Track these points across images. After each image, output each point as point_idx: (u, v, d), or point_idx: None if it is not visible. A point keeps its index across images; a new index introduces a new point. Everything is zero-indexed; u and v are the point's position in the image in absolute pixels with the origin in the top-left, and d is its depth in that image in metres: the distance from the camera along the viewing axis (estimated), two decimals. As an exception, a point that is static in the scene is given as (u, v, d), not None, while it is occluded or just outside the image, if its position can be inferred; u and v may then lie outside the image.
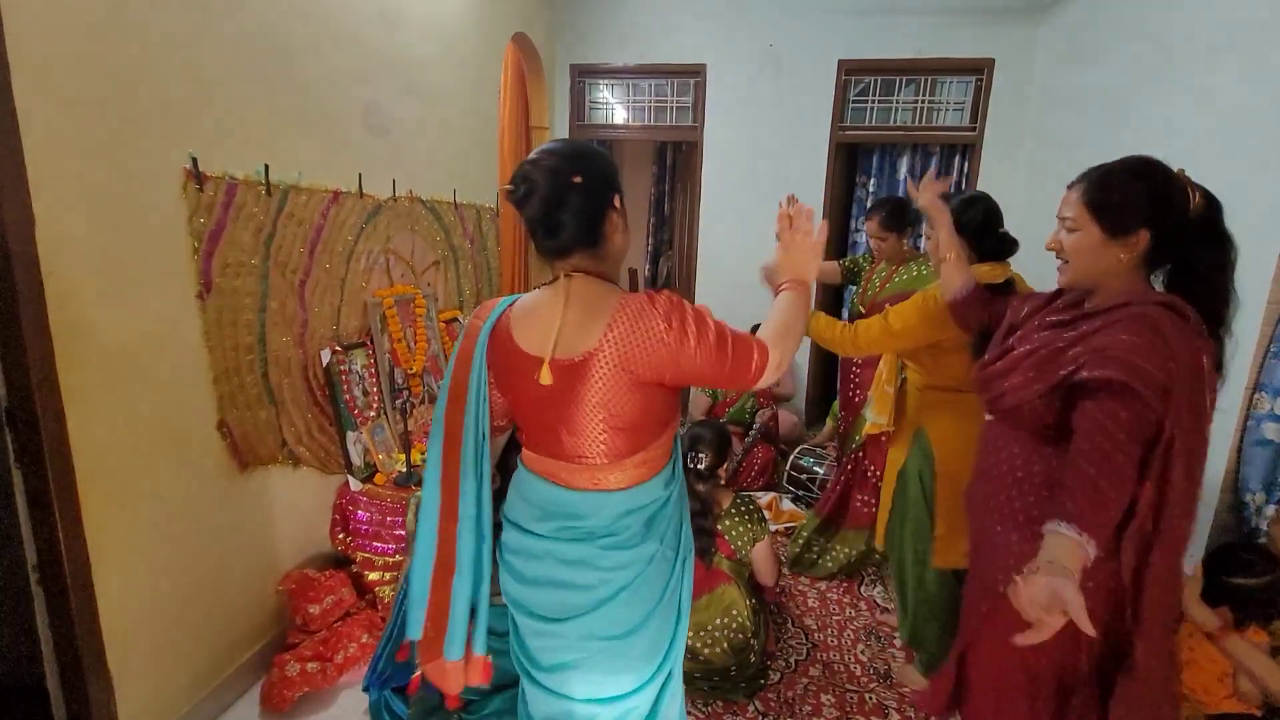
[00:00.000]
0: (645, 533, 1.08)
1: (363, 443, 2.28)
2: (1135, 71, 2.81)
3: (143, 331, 1.55)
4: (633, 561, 1.07)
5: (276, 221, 1.91)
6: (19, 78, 1.25)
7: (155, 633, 1.64)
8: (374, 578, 2.17)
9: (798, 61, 3.96)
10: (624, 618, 1.08)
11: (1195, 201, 1.08)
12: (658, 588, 1.10)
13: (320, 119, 2.08)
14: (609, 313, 0.98)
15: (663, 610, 1.12)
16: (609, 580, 1.07)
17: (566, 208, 1.00)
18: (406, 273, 2.64)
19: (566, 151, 1.02)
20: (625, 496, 1.06)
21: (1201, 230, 1.09)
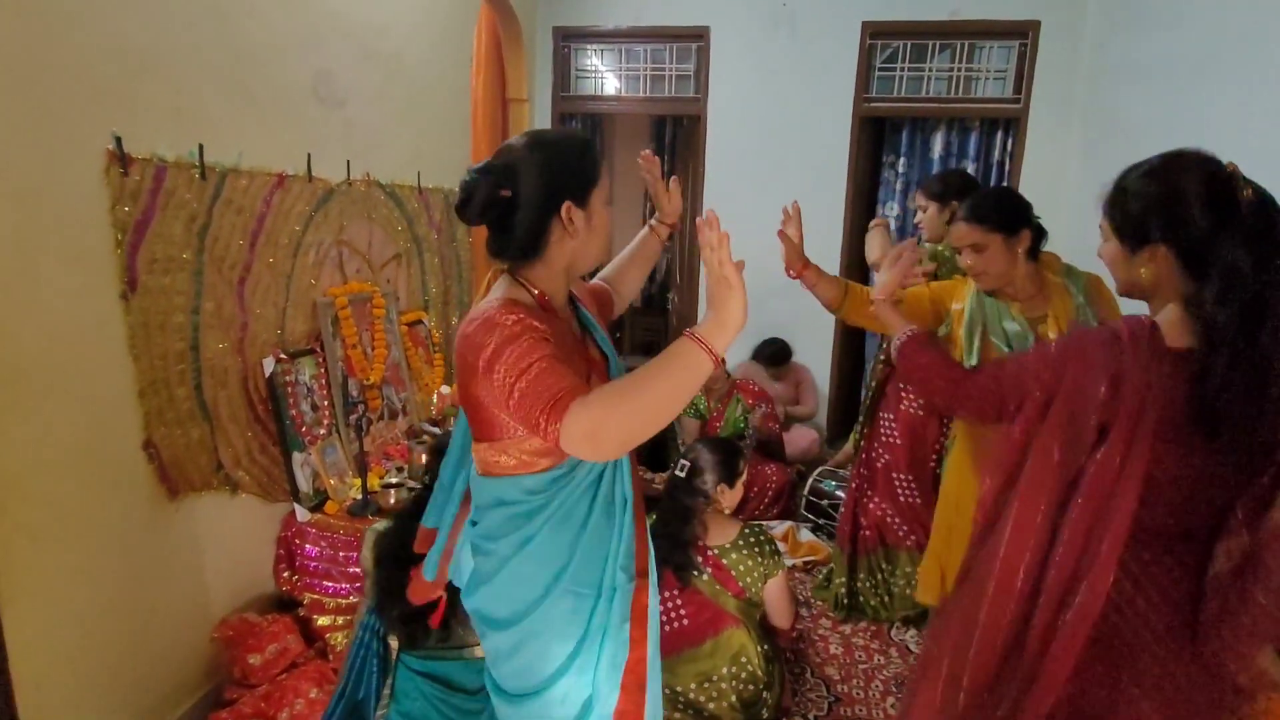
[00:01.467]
0: (502, 530, 1.19)
1: (311, 465, 2.31)
2: (1206, 39, 2.86)
3: (58, 337, 1.58)
4: (494, 552, 1.20)
5: (212, 210, 1.94)
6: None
7: (72, 682, 1.65)
8: (324, 622, 2.19)
9: (816, 23, 4.02)
10: (490, 608, 1.23)
11: (1245, 202, 1.04)
12: (520, 596, 1.20)
13: (264, 92, 2.12)
14: (471, 316, 1.12)
15: (539, 628, 1.20)
16: (488, 569, 1.23)
17: (496, 222, 1.15)
18: (363, 268, 2.67)
19: (510, 158, 1.14)
20: (488, 483, 1.20)
21: (1249, 238, 1.03)
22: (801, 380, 4.14)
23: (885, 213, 4.45)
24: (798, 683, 2.32)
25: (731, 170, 4.25)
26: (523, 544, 1.17)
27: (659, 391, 0.96)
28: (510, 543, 1.18)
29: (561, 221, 1.14)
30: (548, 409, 0.96)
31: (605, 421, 0.95)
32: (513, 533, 1.18)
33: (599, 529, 1.21)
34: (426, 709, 1.76)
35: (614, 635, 1.23)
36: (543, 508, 1.17)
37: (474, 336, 1.07)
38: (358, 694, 1.84)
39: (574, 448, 0.97)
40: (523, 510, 1.17)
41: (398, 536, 1.72)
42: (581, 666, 1.22)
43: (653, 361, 0.98)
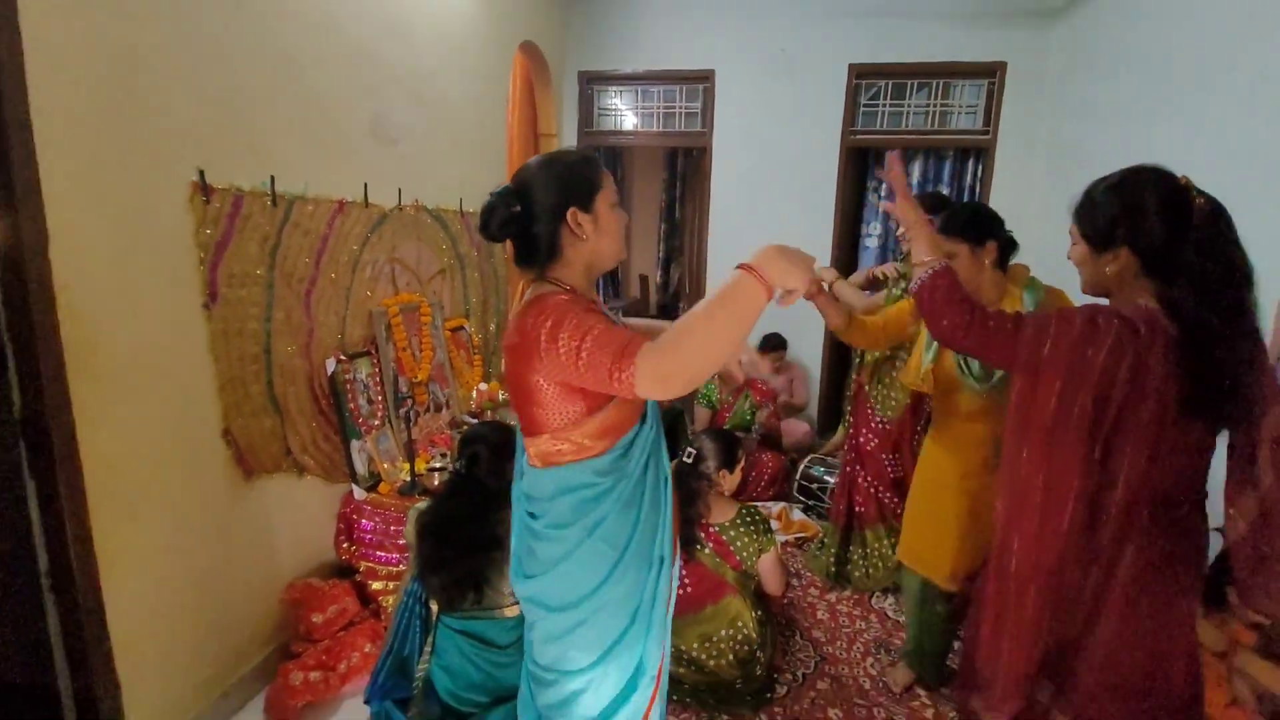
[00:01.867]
0: (572, 517, 1.13)
1: (367, 451, 2.33)
2: (1149, 81, 2.80)
3: (150, 342, 1.61)
4: (563, 541, 1.14)
5: (282, 232, 1.97)
6: (35, 96, 1.31)
7: (162, 639, 1.69)
8: (377, 587, 2.21)
9: (808, 65, 3.99)
10: (561, 591, 1.16)
11: (1198, 210, 1.05)
12: (592, 577, 1.14)
13: (327, 130, 2.15)
14: (519, 311, 1.11)
15: (604, 604, 1.15)
16: (547, 553, 1.16)
17: (515, 236, 1.15)
18: (412, 281, 2.70)
19: (520, 178, 1.15)
20: (551, 475, 1.14)
21: (1204, 242, 1.06)
22: (795, 376, 4.12)
23: (869, 232, 4.41)
24: (788, 644, 2.30)
25: (734, 194, 4.24)
26: (594, 526, 1.13)
27: (719, 324, 0.92)
28: (582, 527, 1.13)
29: (570, 227, 1.13)
30: (619, 356, 0.93)
31: (674, 358, 0.91)
32: (584, 517, 1.13)
33: (653, 504, 1.19)
34: (463, 662, 1.77)
35: (662, 602, 1.21)
36: (610, 489, 1.13)
37: (527, 320, 1.04)
38: (404, 651, 1.86)
39: (646, 388, 0.93)
40: (590, 494, 1.12)
41: (435, 514, 1.73)
42: (635, 636, 1.18)
43: (710, 297, 0.93)
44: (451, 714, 1.76)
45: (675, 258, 6.53)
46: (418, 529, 1.78)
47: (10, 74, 1.26)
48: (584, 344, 0.97)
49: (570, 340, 0.98)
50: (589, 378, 0.99)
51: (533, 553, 1.18)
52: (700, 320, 0.92)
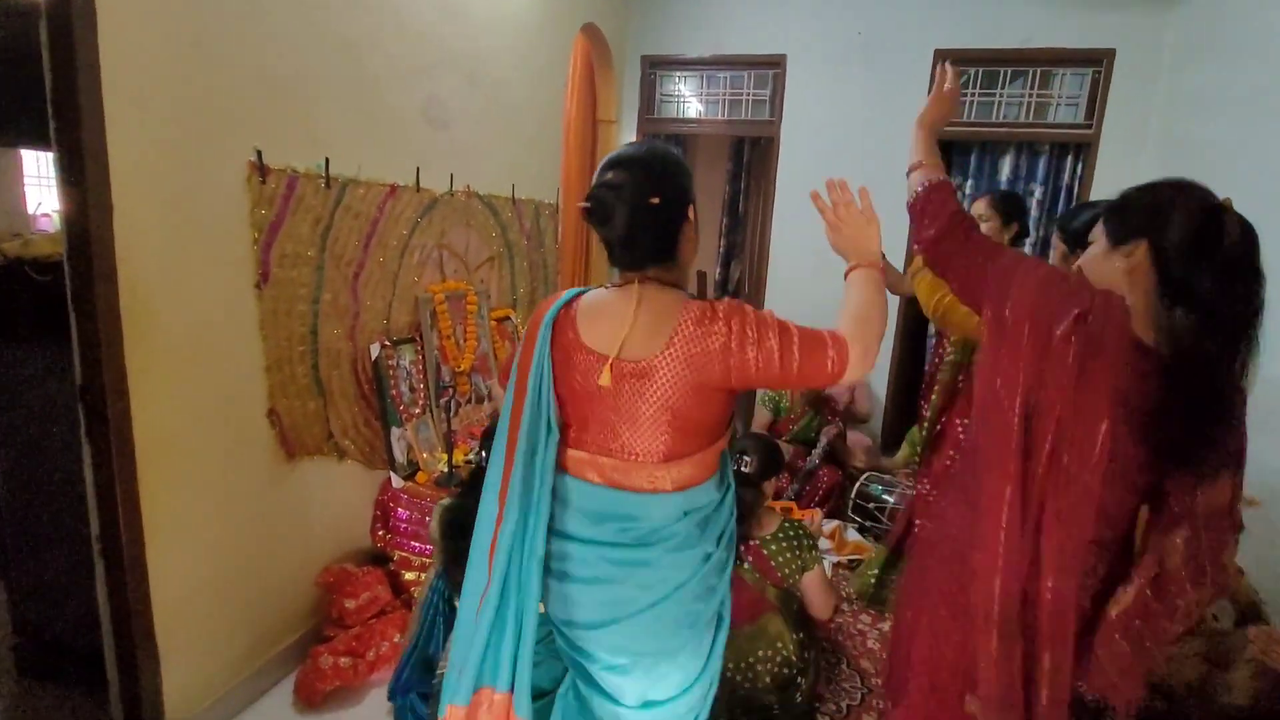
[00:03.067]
0: (700, 535, 1.15)
1: (406, 439, 2.42)
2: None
3: (203, 318, 1.73)
4: (689, 562, 1.14)
5: (334, 214, 2.07)
6: (107, 76, 1.43)
7: (201, 612, 1.81)
8: (410, 577, 2.30)
9: (888, 50, 3.89)
10: (680, 617, 1.14)
11: (1229, 234, 1.03)
12: (708, 588, 1.18)
13: (381, 113, 2.25)
14: (675, 319, 1.07)
15: (709, 613, 1.20)
16: (668, 579, 1.13)
17: (643, 231, 1.11)
18: (460, 268, 2.78)
19: (645, 169, 1.11)
20: (682, 498, 1.13)
21: (1230, 265, 1.03)
22: (858, 386, 4.03)
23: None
24: (833, 672, 2.26)
25: (802, 187, 4.12)
26: (719, 537, 1.19)
27: (878, 307, 1.11)
28: (709, 540, 1.16)
29: (688, 224, 1.15)
30: (832, 345, 1.05)
31: (868, 340, 1.07)
32: (709, 529, 1.16)
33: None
34: (488, 660, 1.82)
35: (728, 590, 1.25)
36: (722, 500, 1.19)
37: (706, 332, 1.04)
38: (428, 649, 1.93)
39: (857, 368, 1.05)
40: (712, 508, 1.17)
41: (460, 510, 1.78)
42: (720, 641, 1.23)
43: (855, 292, 1.13)
44: (475, 711, 1.81)
45: (736, 254, 6.49)
46: (442, 525, 1.83)
47: (85, 59, 1.38)
48: (794, 340, 1.05)
49: (772, 341, 1.04)
50: (801, 368, 1.05)
51: (628, 595, 1.12)
52: (867, 308, 1.10)
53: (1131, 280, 1.11)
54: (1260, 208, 2.67)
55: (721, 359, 1.04)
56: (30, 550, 1.95)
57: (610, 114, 4.26)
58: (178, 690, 1.73)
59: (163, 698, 1.69)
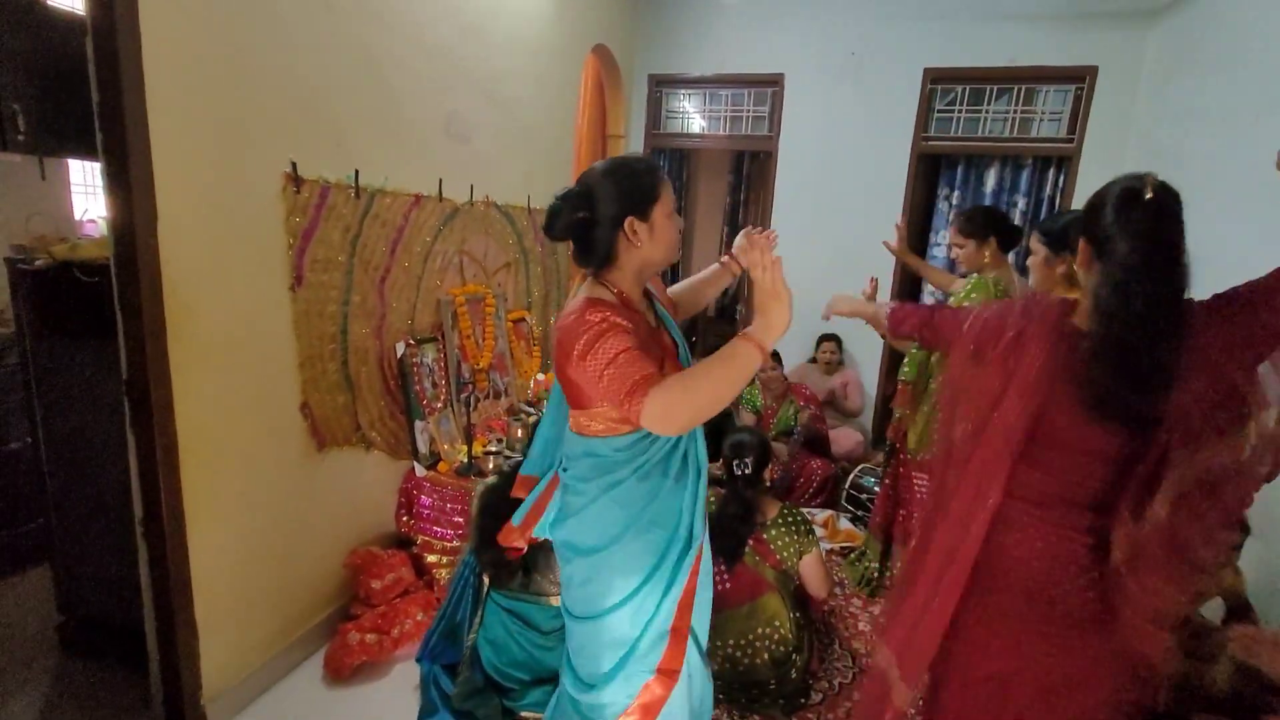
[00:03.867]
0: (593, 476, 1.24)
1: (429, 432, 2.43)
2: (1257, 86, 2.58)
3: (241, 318, 1.73)
4: (584, 492, 1.25)
5: (363, 222, 2.08)
6: (152, 93, 1.44)
7: (237, 591, 1.81)
8: (432, 560, 2.30)
9: (880, 70, 3.88)
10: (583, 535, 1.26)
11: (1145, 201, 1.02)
12: (608, 528, 1.24)
13: (406, 128, 2.25)
14: (564, 310, 1.19)
15: (621, 558, 1.24)
16: (570, 501, 1.29)
17: (576, 240, 1.22)
18: (479, 273, 2.79)
19: (585, 186, 1.20)
20: (581, 441, 1.25)
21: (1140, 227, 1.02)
22: (850, 380, 4.01)
23: (937, 241, 4.24)
24: (826, 651, 2.24)
25: (798, 200, 4.16)
26: (609, 487, 1.23)
27: (718, 380, 1.04)
28: (599, 485, 1.23)
29: (626, 235, 1.19)
30: (629, 393, 1.05)
31: (675, 404, 1.03)
32: (600, 477, 1.23)
33: (677, 484, 1.26)
34: (506, 638, 1.82)
35: (684, 570, 1.27)
36: (627, 462, 1.22)
37: (569, 329, 1.13)
38: (455, 617, 1.93)
39: (649, 425, 1.06)
40: (608, 462, 1.22)
41: (500, 493, 1.78)
42: (648, 593, 1.25)
43: (713, 357, 1.06)
44: (493, 686, 1.81)
45: (737, 261, 6.45)
46: (480, 504, 1.84)
47: (130, 74, 1.39)
48: (606, 371, 1.07)
49: (595, 365, 1.09)
50: (605, 398, 1.12)
51: (564, 502, 1.31)
52: (704, 379, 1.05)
53: (1087, 277, 1.12)
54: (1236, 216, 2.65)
55: (559, 353, 1.17)
56: (75, 535, 1.97)
57: (619, 129, 4.25)
58: (215, 664, 1.74)
59: (200, 672, 1.69)
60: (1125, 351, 1.01)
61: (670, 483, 1.25)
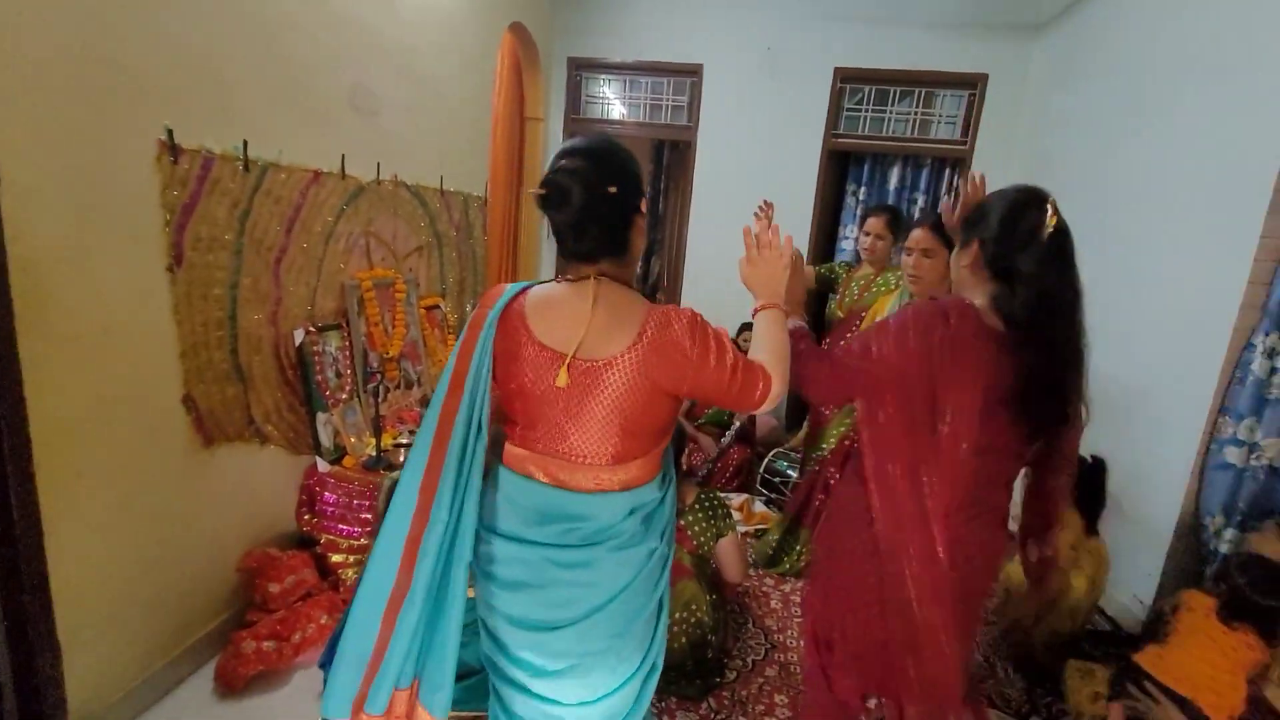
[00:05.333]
0: (645, 531, 1.11)
1: (333, 424, 2.29)
2: (1123, 95, 2.84)
3: (110, 301, 1.55)
4: (635, 560, 1.09)
5: (253, 198, 1.91)
6: (-10, 40, 1.25)
7: (111, 603, 1.64)
8: (338, 560, 2.18)
9: (794, 66, 3.98)
10: (626, 615, 1.10)
11: (1048, 227, 1.11)
12: (653, 583, 1.14)
13: (304, 98, 2.09)
14: (638, 321, 1.01)
15: (653, 606, 1.15)
16: (615, 578, 1.08)
17: (598, 219, 1.02)
18: (387, 256, 2.64)
19: (603, 158, 1.02)
20: (627, 497, 1.08)
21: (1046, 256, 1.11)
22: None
23: (845, 234, 4.43)
24: (740, 631, 2.31)
25: (716, 190, 4.22)
26: (663, 531, 1.15)
27: (788, 347, 1.12)
28: (654, 535, 1.12)
29: (640, 217, 1.07)
30: (763, 378, 1.05)
31: (785, 376, 1.09)
32: (654, 526, 1.13)
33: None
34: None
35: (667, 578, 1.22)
36: (664, 496, 1.15)
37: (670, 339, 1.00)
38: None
39: (770, 403, 1.07)
40: (655, 503, 1.13)
41: None
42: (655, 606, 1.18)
43: (773, 331, 1.11)
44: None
45: (656, 250, 6.50)
46: (388, 498, 1.75)
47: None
48: (740, 363, 1.04)
49: (726, 358, 1.02)
50: (734, 390, 1.03)
51: (574, 596, 1.07)
52: (783, 345, 1.11)
53: (974, 276, 1.19)
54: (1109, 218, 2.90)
55: (680, 365, 1.01)
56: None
57: (538, 112, 4.15)
58: (84, 684, 1.57)
59: (65, 693, 1.52)
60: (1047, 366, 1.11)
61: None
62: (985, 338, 1.13)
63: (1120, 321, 2.57)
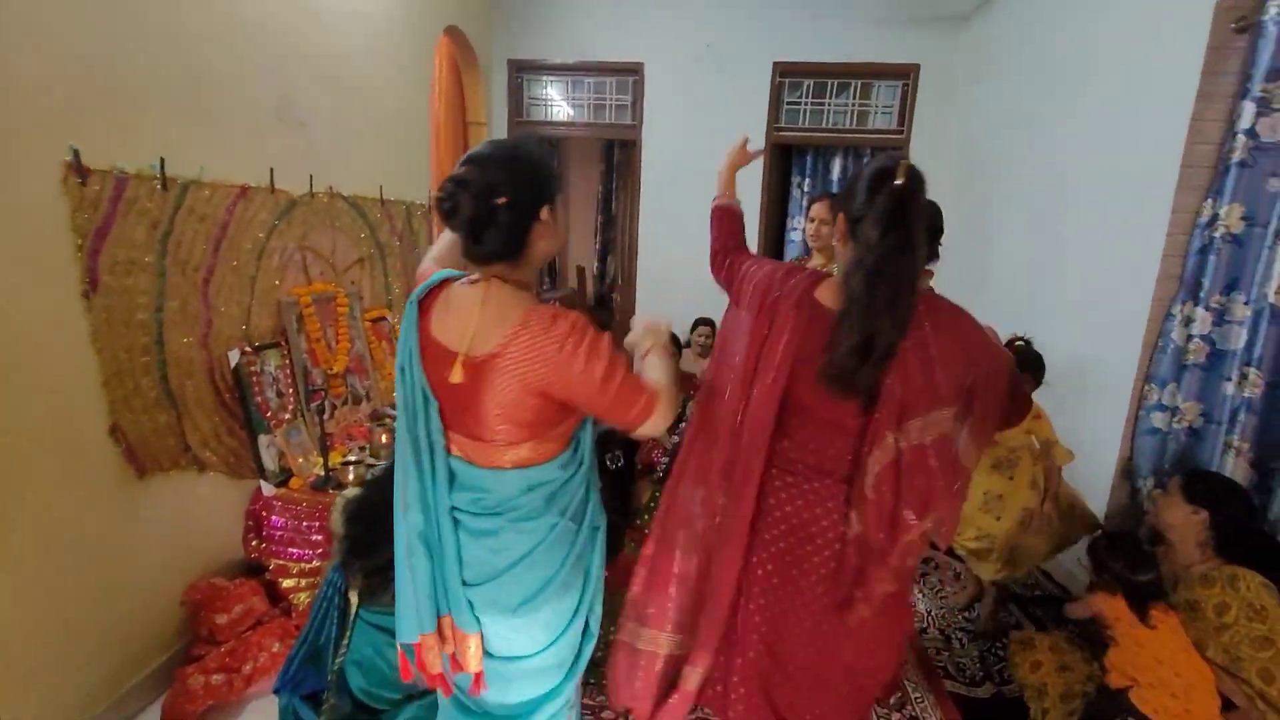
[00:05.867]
0: (545, 507, 1.15)
1: (277, 446, 2.22)
2: (1037, 85, 2.95)
3: (19, 332, 1.47)
4: (536, 531, 1.15)
5: (175, 217, 1.83)
6: None
7: (41, 649, 1.56)
8: (289, 584, 2.12)
9: (734, 61, 4.02)
10: (531, 582, 1.16)
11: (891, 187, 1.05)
12: (559, 556, 1.18)
13: (226, 111, 2.01)
14: (514, 322, 1.04)
15: (565, 577, 1.19)
16: (515, 546, 1.15)
17: (490, 226, 1.05)
18: (327, 270, 2.57)
19: (496, 167, 1.04)
20: (520, 475, 1.13)
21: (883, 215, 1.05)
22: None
23: (794, 226, 4.50)
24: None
25: (663, 187, 4.24)
26: (565, 509, 1.17)
27: (676, 383, 1.14)
28: (556, 511, 1.16)
29: (541, 223, 1.08)
30: (648, 402, 1.07)
31: (670, 406, 1.10)
32: (555, 504, 1.16)
33: (595, 482, 1.27)
34: (375, 658, 1.71)
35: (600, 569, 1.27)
36: (573, 476, 1.18)
37: (540, 343, 1.02)
38: (318, 640, 1.79)
39: (654, 426, 1.09)
40: (559, 483, 1.16)
41: (367, 499, 1.66)
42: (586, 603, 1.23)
43: (662, 365, 1.16)
44: (363, 709, 1.70)
45: (612, 249, 6.50)
46: (346, 514, 1.70)
47: None
48: (619, 378, 1.05)
49: (597, 366, 1.03)
50: (605, 405, 1.06)
51: (484, 558, 1.15)
52: (671, 378, 1.14)
53: (843, 247, 1.17)
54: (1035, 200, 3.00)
55: (546, 367, 1.03)
56: None
57: (480, 116, 4.10)
58: (17, 735, 1.49)
59: (-5, 747, 1.44)
60: (863, 334, 1.06)
61: (593, 484, 1.26)
62: (814, 311, 1.15)
63: (1049, 298, 2.68)
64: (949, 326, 1.14)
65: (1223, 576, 1.60)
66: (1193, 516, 1.65)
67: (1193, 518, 1.65)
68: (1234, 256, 1.88)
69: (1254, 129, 1.80)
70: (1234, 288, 1.89)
